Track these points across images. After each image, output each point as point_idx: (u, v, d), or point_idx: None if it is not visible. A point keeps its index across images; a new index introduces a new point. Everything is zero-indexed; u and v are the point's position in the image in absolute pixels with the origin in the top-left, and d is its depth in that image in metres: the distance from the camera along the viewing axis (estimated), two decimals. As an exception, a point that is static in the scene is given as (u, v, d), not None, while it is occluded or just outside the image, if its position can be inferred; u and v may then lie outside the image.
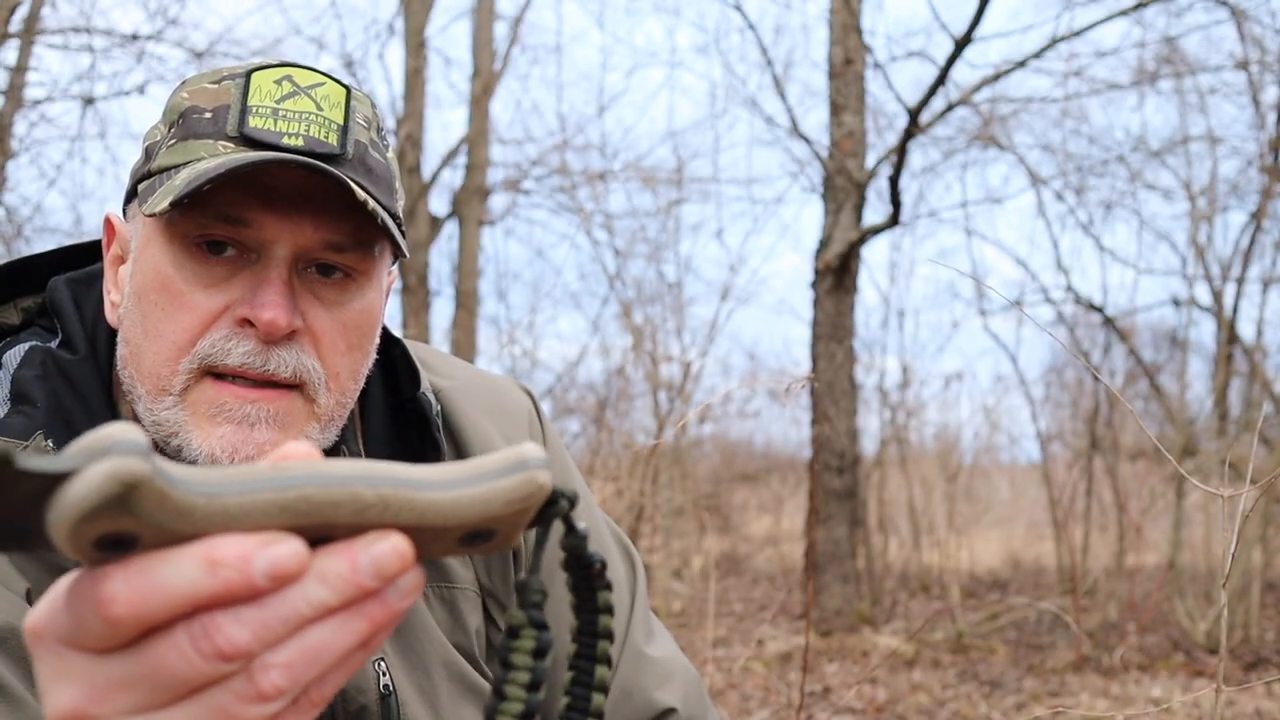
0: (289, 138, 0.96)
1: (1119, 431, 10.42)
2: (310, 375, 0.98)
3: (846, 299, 8.61)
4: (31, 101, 8.11)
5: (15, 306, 1.10)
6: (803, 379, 2.24)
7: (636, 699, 1.16)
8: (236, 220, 0.95)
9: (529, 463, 0.53)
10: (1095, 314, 10.88)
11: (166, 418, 0.97)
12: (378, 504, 0.50)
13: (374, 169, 1.01)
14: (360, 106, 1.01)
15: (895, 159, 7.72)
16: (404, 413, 1.15)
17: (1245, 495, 1.51)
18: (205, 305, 0.96)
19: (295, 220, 0.96)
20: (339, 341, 1.00)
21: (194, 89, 1.00)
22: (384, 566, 0.50)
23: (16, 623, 0.89)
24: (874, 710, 6.13)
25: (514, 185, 10.73)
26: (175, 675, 0.48)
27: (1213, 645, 7.31)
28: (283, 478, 0.49)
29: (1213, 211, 10.04)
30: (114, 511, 0.45)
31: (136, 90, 8.16)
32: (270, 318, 0.94)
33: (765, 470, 15.17)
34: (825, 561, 8.34)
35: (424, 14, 10.02)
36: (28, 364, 1.01)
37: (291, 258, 0.97)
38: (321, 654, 0.49)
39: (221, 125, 0.97)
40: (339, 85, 1.00)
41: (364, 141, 1.00)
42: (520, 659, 0.57)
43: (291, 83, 0.98)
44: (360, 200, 0.94)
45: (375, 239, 1.01)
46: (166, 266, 0.97)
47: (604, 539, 1.26)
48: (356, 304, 1.01)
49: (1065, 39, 7.79)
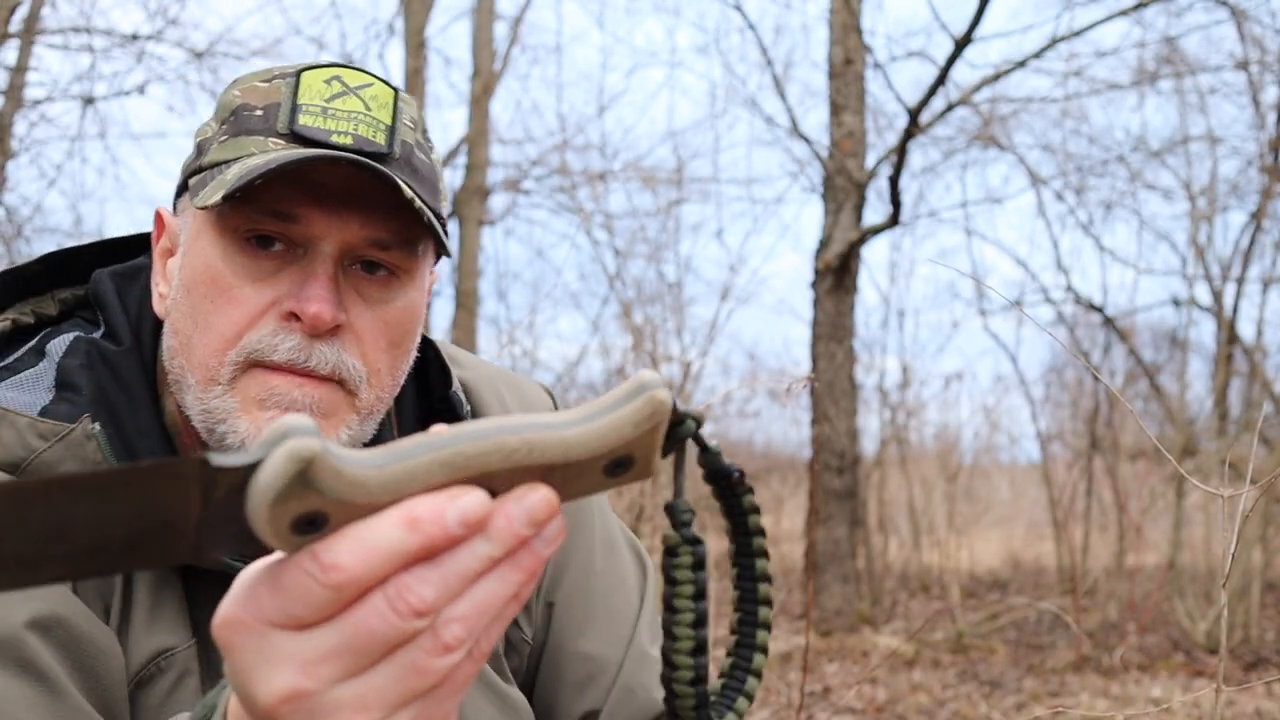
0: (338, 136, 0.98)
1: (1119, 431, 10.42)
2: (350, 373, 1.00)
3: (846, 299, 8.62)
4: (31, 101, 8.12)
5: (53, 298, 1.12)
6: (803, 379, 2.24)
7: (640, 697, 1.17)
8: (285, 216, 0.97)
9: (648, 384, 0.58)
10: (1095, 314, 10.89)
11: (215, 405, 0.99)
12: (522, 447, 0.55)
13: (419, 169, 1.02)
14: (407, 108, 1.03)
15: (895, 159, 7.72)
16: (434, 411, 1.17)
17: (1245, 495, 1.51)
18: (253, 299, 0.98)
19: (342, 217, 0.98)
20: (380, 339, 1.02)
21: (245, 87, 1.03)
22: (536, 514, 0.55)
23: (64, 612, 0.91)
24: (874, 710, 6.13)
25: (514, 185, 10.73)
26: (375, 637, 0.53)
27: (1213, 645, 7.31)
28: (435, 441, 0.54)
29: (1213, 211, 10.05)
30: (301, 490, 0.51)
31: (136, 90, 8.17)
32: (315, 311, 0.96)
33: (765, 470, 15.16)
34: (825, 561, 8.34)
35: (424, 14, 10.02)
36: (73, 353, 1.03)
37: (338, 254, 0.99)
38: (490, 604, 0.55)
39: (272, 122, 0.99)
40: (387, 86, 1.02)
41: (410, 142, 1.02)
42: (682, 574, 0.64)
43: (341, 83, 1.00)
44: (407, 198, 0.95)
45: (419, 237, 1.02)
46: (216, 260, 0.98)
47: (616, 541, 1.28)
48: (399, 302, 1.03)
49: (1065, 39, 7.80)
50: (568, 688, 1.18)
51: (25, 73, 7.81)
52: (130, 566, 0.52)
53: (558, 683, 1.19)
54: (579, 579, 1.21)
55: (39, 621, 0.89)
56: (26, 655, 0.88)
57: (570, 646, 1.19)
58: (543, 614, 1.20)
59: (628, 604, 1.23)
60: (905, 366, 11.88)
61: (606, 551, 1.25)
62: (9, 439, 0.97)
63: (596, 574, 1.23)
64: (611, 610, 1.21)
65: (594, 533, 1.25)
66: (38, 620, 0.89)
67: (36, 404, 1.00)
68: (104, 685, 0.93)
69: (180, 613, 1.01)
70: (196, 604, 1.01)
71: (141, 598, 0.99)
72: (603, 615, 1.21)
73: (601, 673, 1.18)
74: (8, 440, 0.97)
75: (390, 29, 10.66)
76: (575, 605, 1.20)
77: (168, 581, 1.01)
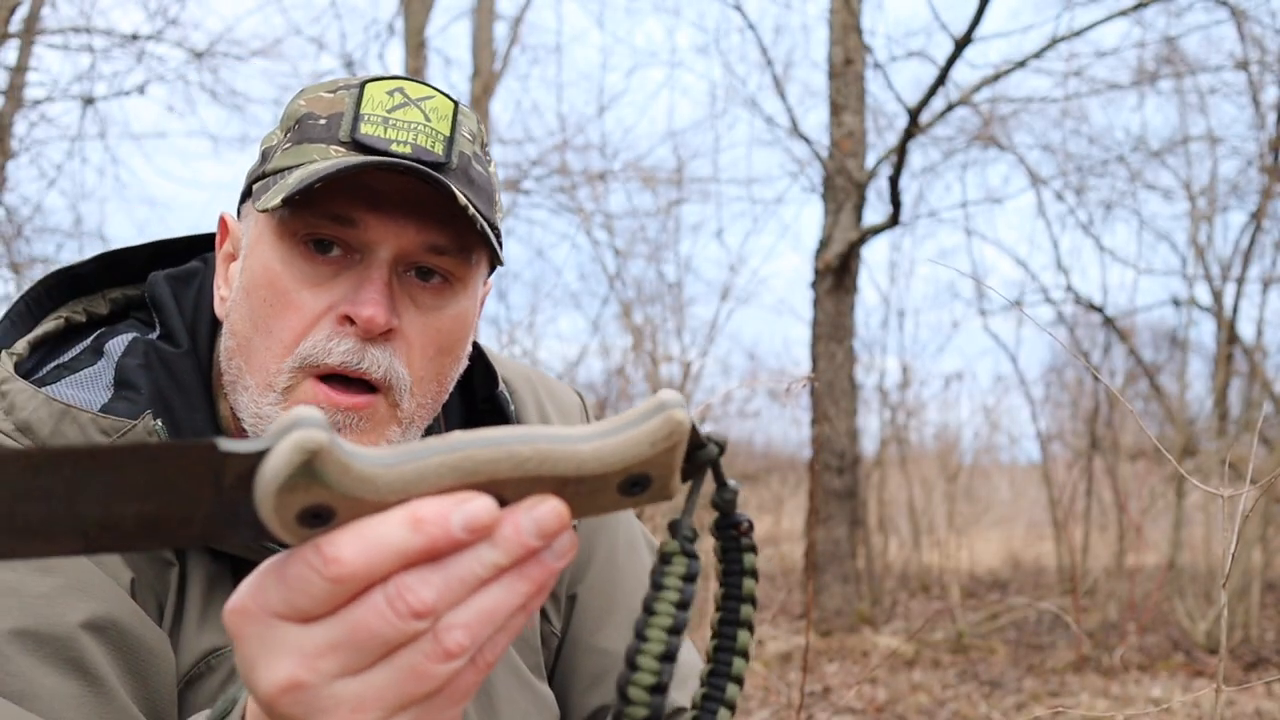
0: (398, 145, 1.00)
1: (1119, 431, 10.42)
2: (398, 380, 1.02)
3: (846, 299, 8.61)
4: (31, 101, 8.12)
5: (104, 297, 1.15)
6: (803, 379, 2.24)
7: None
8: (344, 220, 0.99)
9: (667, 404, 0.58)
10: (1095, 314, 10.89)
11: (268, 413, 1.01)
12: (534, 457, 0.55)
13: (475, 180, 1.04)
14: (466, 121, 1.06)
15: (895, 159, 7.72)
16: (477, 411, 1.20)
17: (1245, 495, 1.51)
18: (311, 305, 1.00)
19: (399, 223, 1.00)
20: (429, 346, 1.04)
21: (310, 97, 1.05)
22: (545, 525, 0.55)
23: (118, 613, 0.93)
24: (874, 710, 6.13)
25: (514, 185, 10.73)
26: (374, 635, 0.53)
27: (1213, 645, 7.30)
28: (447, 444, 0.55)
29: (1213, 211, 10.04)
30: (306, 481, 0.51)
31: (136, 90, 8.16)
32: (370, 314, 0.98)
33: (765, 470, 15.16)
34: (825, 561, 8.34)
35: (424, 14, 10.02)
36: (131, 353, 1.05)
37: (393, 259, 1.01)
38: (495, 614, 0.55)
39: (334, 131, 1.01)
40: (448, 99, 1.04)
41: (468, 154, 1.04)
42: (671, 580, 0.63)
43: (403, 94, 1.03)
44: (461, 206, 0.97)
45: (473, 246, 1.04)
46: (275, 263, 1.01)
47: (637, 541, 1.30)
48: (451, 309, 1.05)
49: (1065, 39, 7.80)
50: (581, 682, 1.20)
51: (25, 73, 7.81)
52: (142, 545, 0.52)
53: (572, 676, 1.21)
54: (601, 574, 1.24)
55: (93, 622, 0.91)
56: (78, 655, 0.89)
57: (588, 641, 1.21)
58: (566, 606, 1.23)
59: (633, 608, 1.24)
60: (905, 366, 11.88)
61: (629, 550, 1.28)
62: (72, 435, 0.98)
63: (618, 570, 1.25)
64: (629, 608, 1.23)
65: (618, 530, 1.28)
66: (92, 621, 0.91)
67: (96, 401, 1.02)
68: (153, 688, 0.94)
69: None
70: None
71: (194, 597, 1.01)
72: (621, 612, 1.23)
73: (615, 668, 1.19)
74: (71, 436, 0.98)
75: (390, 29, 10.67)
76: (596, 600, 1.23)
77: (220, 581, 1.02)
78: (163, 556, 0.99)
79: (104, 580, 0.94)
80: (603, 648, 1.20)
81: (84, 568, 0.93)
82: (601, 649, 1.20)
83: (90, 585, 0.92)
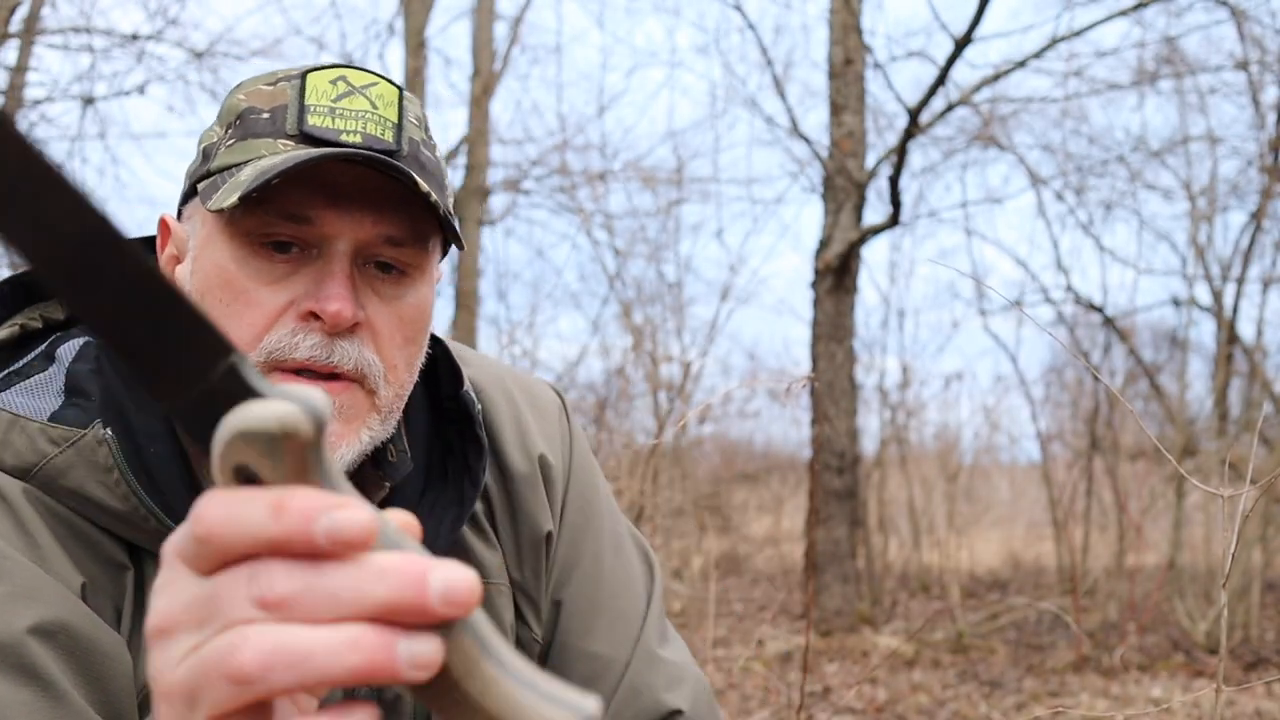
0: (347, 135, 0.98)
1: (1119, 431, 10.41)
2: (371, 369, 1.00)
3: (846, 299, 8.61)
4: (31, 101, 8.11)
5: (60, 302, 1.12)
6: (803, 379, 2.24)
7: (645, 698, 1.17)
8: (300, 218, 0.97)
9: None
10: (1095, 314, 10.88)
11: None
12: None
13: (427, 165, 1.03)
14: (411, 106, 1.04)
15: (895, 159, 7.72)
16: (444, 410, 1.17)
17: (1245, 495, 1.51)
18: (270, 302, 0.98)
19: (356, 216, 0.98)
20: (396, 335, 1.03)
21: (249, 91, 1.03)
22: (454, 591, 0.47)
23: (68, 617, 0.91)
24: (874, 710, 6.13)
25: (514, 185, 10.72)
26: (222, 607, 0.47)
27: (1213, 645, 7.30)
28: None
29: (1213, 211, 10.04)
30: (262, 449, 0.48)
31: (136, 90, 8.16)
32: (336, 309, 0.96)
33: (765, 470, 15.15)
34: (825, 561, 8.34)
35: (424, 14, 10.01)
36: (82, 358, 1.03)
37: (352, 252, 0.99)
38: (308, 660, 0.45)
39: (280, 124, 0.99)
40: (391, 85, 1.03)
41: (417, 139, 1.03)
42: None
43: (346, 83, 1.01)
44: (423, 192, 0.96)
45: (430, 233, 1.03)
46: (229, 263, 0.98)
47: (624, 541, 1.28)
48: (411, 298, 1.04)
49: (1065, 39, 7.80)
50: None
51: (25, 73, 7.81)
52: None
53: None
54: (587, 578, 1.22)
55: (41, 627, 0.89)
56: (28, 661, 0.87)
57: (576, 645, 1.19)
58: (550, 612, 1.21)
59: (634, 605, 1.24)
60: (905, 366, 11.87)
61: (615, 551, 1.26)
62: (20, 445, 0.96)
63: (604, 573, 1.23)
64: (618, 610, 1.22)
65: (603, 532, 1.26)
66: (40, 626, 0.89)
67: (46, 409, 0.99)
68: (110, 692, 0.92)
69: None
70: None
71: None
72: (609, 615, 1.21)
73: (606, 672, 1.18)
74: (19, 446, 0.96)
75: (390, 29, 10.66)
76: (582, 604, 1.21)
77: None
78: (116, 560, 0.98)
79: (52, 585, 0.92)
80: (592, 652, 1.19)
81: (30, 573, 0.91)
82: (591, 653, 1.19)
83: (37, 591, 0.90)
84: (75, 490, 0.96)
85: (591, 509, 1.25)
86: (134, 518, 0.97)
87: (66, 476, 0.96)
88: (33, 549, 0.93)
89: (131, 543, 0.99)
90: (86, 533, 0.97)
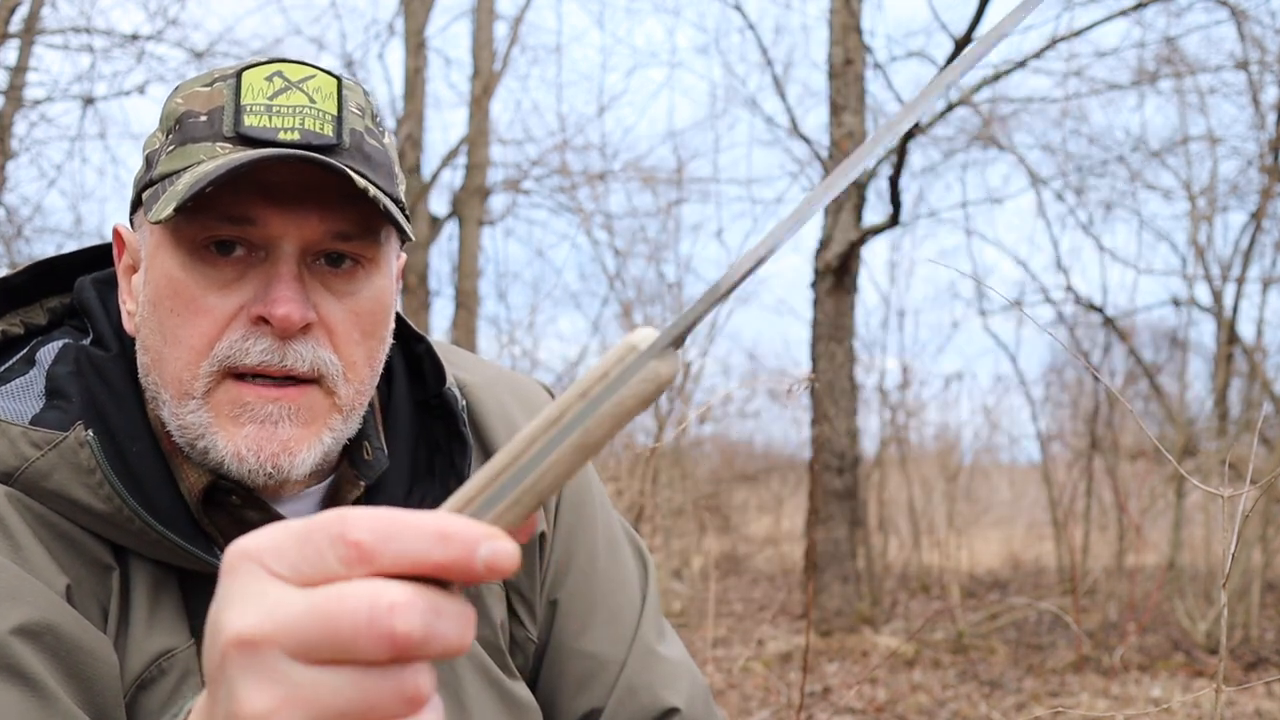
0: (285, 133, 0.96)
1: (1119, 431, 10.41)
2: (328, 368, 0.99)
3: (846, 299, 8.61)
4: (31, 101, 8.11)
5: (41, 307, 1.12)
6: (803, 379, 2.24)
7: (642, 696, 1.17)
8: (242, 220, 0.96)
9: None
10: (1095, 314, 10.87)
11: (192, 421, 0.98)
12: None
13: (372, 156, 1.01)
14: (352, 95, 1.02)
15: (895, 159, 7.72)
16: (429, 408, 1.16)
17: (1245, 495, 1.51)
18: (220, 307, 0.97)
19: (300, 214, 0.97)
20: (353, 331, 1.01)
21: (187, 93, 1.01)
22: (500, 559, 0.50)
23: (53, 618, 0.91)
24: (874, 710, 6.13)
25: (514, 185, 10.72)
26: (339, 630, 0.47)
27: (1213, 645, 7.30)
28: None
29: (1213, 211, 10.03)
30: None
31: (136, 90, 8.15)
32: (284, 313, 0.95)
33: (765, 470, 15.15)
34: (825, 561, 8.34)
35: (424, 14, 10.02)
36: (62, 360, 1.03)
37: (299, 252, 0.98)
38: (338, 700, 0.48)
39: (217, 127, 0.98)
40: (329, 76, 1.01)
41: (360, 130, 1.01)
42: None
43: (282, 78, 0.99)
44: (361, 188, 0.94)
45: (381, 226, 1.02)
46: (177, 271, 0.98)
47: (618, 539, 1.28)
48: (367, 292, 1.02)
49: (1065, 39, 7.80)
50: (569, 686, 1.19)
51: (25, 73, 7.80)
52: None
53: (559, 680, 1.19)
54: (582, 577, 1.22)
55: (26, 628, 0.89)
56: (14, 662, 0.87)
57: (572, 645, 1.19)
58: (546, 612, 1.20)
59: (630, 603, 1.23)
60: (905, 366, 11.87)
61: (609, 550, 1.25)
62: (3, 449, 0.96)
63: (599, 572, 1.23)
64: (614, 609, 1.22)
65: (596, 531, 1.25)
66: (25, 627, 0.89)
67: (27, 412, 0.99)
68: (97, 691, 0.92)
69: (179, 613, 1.01)
70: (193, 605, 1.01)
71: (140, 601, 0.99)
72: (605, 614, 1.21)
73: (603, 671, 1.18)
74: (1, 450, 0.96)
75: (390, 29, 10.66)
76: (578, 603, 1.20)
77: (166, 585, 1.01)
78: (101, 561, 0.98)
79: (36, 586, 0.92)
80: (588, 651, 1.19)
81: (14, 575, 0.91)
82: (587, 652, 1.19)
83: (20, 592, 0.90)
84: (58, 493, 0.96)
85: (585, 508, 1.25)
86: (117, 518, 0.97)
87: (49, 479, 0.96)
88: (16, 552, 0.93)
89: (116, 543, 0.99)
90: (71, 534, 0.97)
